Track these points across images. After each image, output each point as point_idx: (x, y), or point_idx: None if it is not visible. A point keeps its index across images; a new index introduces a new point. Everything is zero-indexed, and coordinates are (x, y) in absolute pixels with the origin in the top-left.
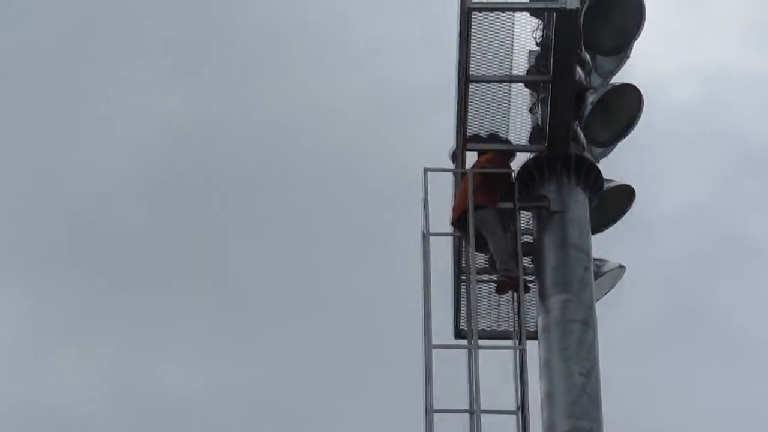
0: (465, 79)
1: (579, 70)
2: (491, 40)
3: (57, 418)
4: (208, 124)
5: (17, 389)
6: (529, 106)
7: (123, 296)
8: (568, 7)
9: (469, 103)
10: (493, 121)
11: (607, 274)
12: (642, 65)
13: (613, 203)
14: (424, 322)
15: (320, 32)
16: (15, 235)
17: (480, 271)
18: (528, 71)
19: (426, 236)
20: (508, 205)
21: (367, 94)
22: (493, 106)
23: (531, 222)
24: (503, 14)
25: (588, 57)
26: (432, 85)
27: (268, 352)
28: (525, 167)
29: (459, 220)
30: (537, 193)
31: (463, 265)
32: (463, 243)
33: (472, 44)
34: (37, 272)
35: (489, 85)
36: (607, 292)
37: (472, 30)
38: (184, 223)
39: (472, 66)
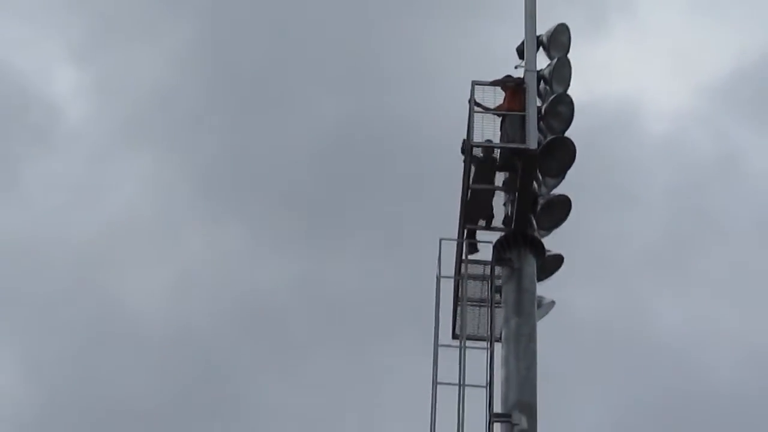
0: (467, 188)
1: (535, 184)
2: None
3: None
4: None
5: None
6: (504, 201)
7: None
8: (530, 147)
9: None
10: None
11: (543, 306)
12: None
13: (550, 264)
14: (434, 328)
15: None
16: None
17: (469, 300)
18: (504, 182)
19: (438, 279)
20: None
21: None
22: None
23: (501, 272)
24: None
25: (540, 176)
26: None
27: None
28: (499, 240)
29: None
30: (506, 256)
31: (459, 296)
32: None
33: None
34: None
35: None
36: (543, 316)
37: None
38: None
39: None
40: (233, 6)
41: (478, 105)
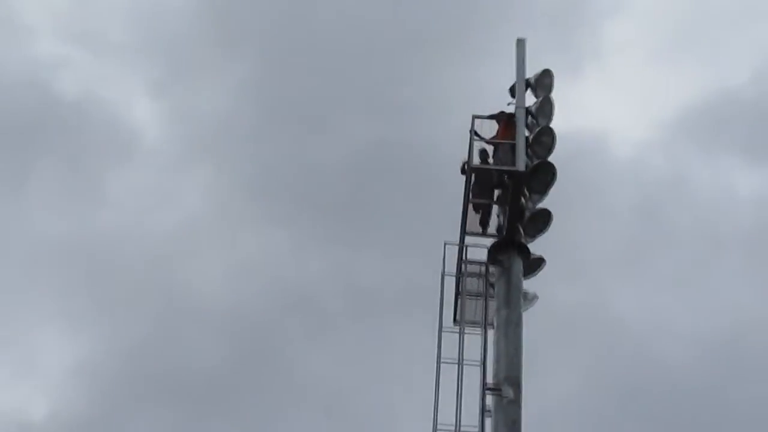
0: (467, 202)
1: (523, 199)
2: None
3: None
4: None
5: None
6: (498, 213)
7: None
8: (519, 170)
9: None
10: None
11: (529, 299)
12: None
13: (534, 265)
14: (439, 315)
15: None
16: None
17: (468, 293)
18: (498, 197)
19: (443, 276)
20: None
21: None
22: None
23: (494, 271)
24: (491, 170)
25: (527, 193)
26: None
27: None
28: (493, 245)
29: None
30: (498, 257)
31: (460, 291)
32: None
33: (471, 185)
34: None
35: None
36: (528, 308)
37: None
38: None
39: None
40: (280, 48)
41: (477, 135)
